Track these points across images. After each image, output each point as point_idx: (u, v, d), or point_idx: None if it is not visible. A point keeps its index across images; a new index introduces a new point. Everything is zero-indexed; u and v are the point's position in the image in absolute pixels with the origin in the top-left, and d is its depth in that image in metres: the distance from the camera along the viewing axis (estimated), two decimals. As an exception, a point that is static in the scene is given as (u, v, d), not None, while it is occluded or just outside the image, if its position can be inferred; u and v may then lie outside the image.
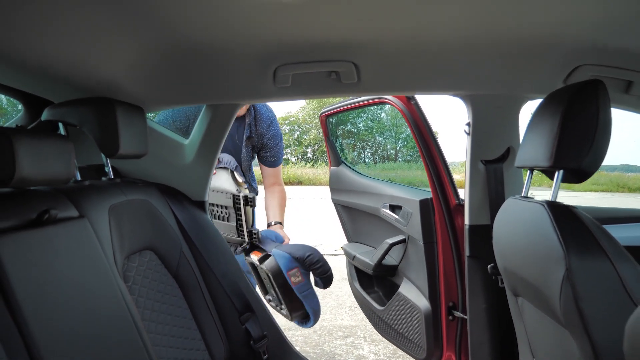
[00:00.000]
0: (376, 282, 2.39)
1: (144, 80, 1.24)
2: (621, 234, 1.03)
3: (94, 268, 0.87)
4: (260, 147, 2.24)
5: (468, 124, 1.54)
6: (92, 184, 1.09)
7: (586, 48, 1.18)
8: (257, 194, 2.14)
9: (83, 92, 1.19)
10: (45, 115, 1.10)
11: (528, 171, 1.23)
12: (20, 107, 1.33)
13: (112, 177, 1.22)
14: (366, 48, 1.17)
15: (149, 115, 1.48)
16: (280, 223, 2.15)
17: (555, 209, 0.99)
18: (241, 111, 2.06)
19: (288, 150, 25.91)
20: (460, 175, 1.84)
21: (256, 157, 2.32)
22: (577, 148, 0.97)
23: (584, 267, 0.91)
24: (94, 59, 1.06)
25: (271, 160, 2.27)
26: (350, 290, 2.47)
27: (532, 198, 1.16)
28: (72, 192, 0.96)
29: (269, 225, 2.11)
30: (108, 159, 1.22)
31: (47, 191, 0.89)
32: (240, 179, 1.91)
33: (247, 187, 1.92)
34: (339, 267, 3.80)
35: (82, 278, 0.82)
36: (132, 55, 1.10)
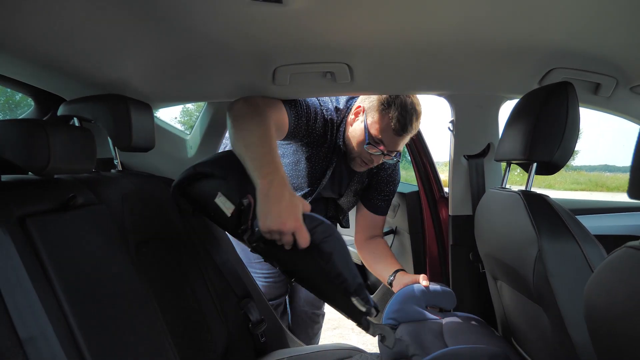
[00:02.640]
0: (367, 273, 2.48)
1: (151, 78, 1.30)
2: (587, 224, 1.13)
3: (116, 250, 0.94)
4: (369, 187, 1.77)
5: (452, 122, 1.64)
6: (105, 175, 1.16)
7: (559, 53, 1.25)
8: None
9: (94, 90, 1.25)
10: (61, 111, 1.17)
11: (506, 164, 1.34)
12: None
13: (121, 169, 1.30)
14: (358, 51, 1.23)
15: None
16: (403, 270, 1.66)
17: (529, 197, 1.09)
18: (359, 167, 1.62)
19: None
20: (444, 175, 1.94)
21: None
22: (549, 143, 1.07)
23: (554, 248, 1.00)
24: (108, 58, 1.12)
25: (381, 205, 1.76)
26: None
27: (510, 188, 1.27)
28: (89, 181, 1.03)
29: (390, 284, 1.64)
30: (117, 153, 1.29)
31: (69, 179, 0.97)
32: None
33: None
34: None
35: (106, 258, 0.90)
36: (142, 55, 1.17)
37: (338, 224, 1.85)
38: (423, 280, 1.53)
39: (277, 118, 1.37)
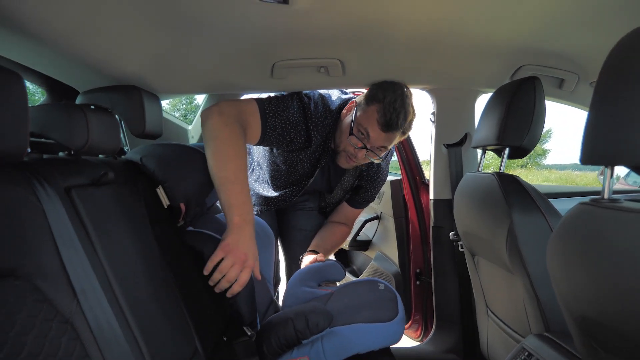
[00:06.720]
0: (352, 258, 2.61)
1: (159, 71, 1.39)
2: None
3: (139, 225, 1.04)
4: (357, 186, 1.78)
5: (433, 114, 1.78)
6: (119, 160, 1.26)
7: (528, 51, 1.39)
8: None
9: (106, 82, 1.32)
10: (79, 100, 1.26)
11: (482, 151, 1.47)
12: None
13: None
14: (349, 48, 1.33)
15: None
16: (313, 251, 1.69)
17: (503, 177, 1.22)
18: (344, 163, 1.57)
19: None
20: (427, 174, 2.06)
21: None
22: (519, 130, 1.20)
23: (524, 220, 1.13)
24: (123, 52, 1.20)
25: (360, 202, 1.80)
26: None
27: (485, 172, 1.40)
28: (109, 163, 1.12)
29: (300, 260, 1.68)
30: (128, 142, 1.38)
31: (94, 161, 1.06)
32: None
33: None
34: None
35: (133, 230, 0.99)
36: (152, 49, 1.25)
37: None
38: (318, 258, 1.58)
39: (250, 134, 1.42)
